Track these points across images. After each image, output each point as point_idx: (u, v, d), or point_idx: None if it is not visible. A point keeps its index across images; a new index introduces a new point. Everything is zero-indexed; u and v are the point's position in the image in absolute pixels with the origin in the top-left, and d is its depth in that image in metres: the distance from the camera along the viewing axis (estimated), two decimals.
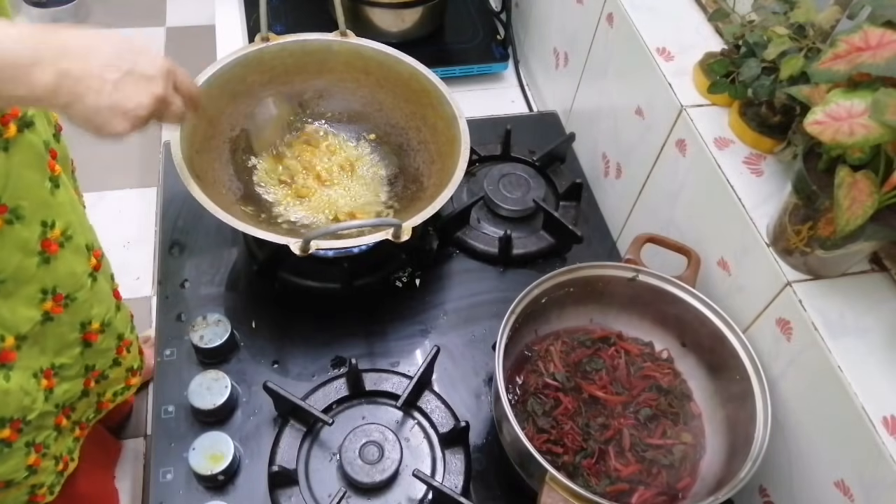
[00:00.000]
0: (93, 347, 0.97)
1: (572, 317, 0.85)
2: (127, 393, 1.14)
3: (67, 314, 0.89)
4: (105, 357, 1.02)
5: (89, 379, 1.01)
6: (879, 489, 0.60)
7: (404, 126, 1.01)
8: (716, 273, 0.81)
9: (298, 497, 0.75)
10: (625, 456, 0.75)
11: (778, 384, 0.72)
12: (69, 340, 0.92)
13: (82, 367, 0.98)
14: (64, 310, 0.88)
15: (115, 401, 1.12)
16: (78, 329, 0.92)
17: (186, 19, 2.47)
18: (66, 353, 0.93)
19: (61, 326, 0.89)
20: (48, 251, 0.81)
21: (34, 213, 0.78)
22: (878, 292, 0.70)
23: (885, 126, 0.55)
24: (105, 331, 0.98)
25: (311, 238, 0.74)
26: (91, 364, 0.99)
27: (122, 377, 1.10)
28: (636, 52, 0.90)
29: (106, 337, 0.99)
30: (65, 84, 0.57)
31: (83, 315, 0.92)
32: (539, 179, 1.03)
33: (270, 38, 0.95)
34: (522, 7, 1.34)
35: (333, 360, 0.87)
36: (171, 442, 0.79)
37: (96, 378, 1.03)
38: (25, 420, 0.87)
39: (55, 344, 0.90)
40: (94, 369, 1.01)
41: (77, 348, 0.94)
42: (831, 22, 0.72)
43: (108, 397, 1.10)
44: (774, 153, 0.78)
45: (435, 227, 0.98)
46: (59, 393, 0.94)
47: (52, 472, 0.98)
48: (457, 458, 0.79)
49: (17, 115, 0.73)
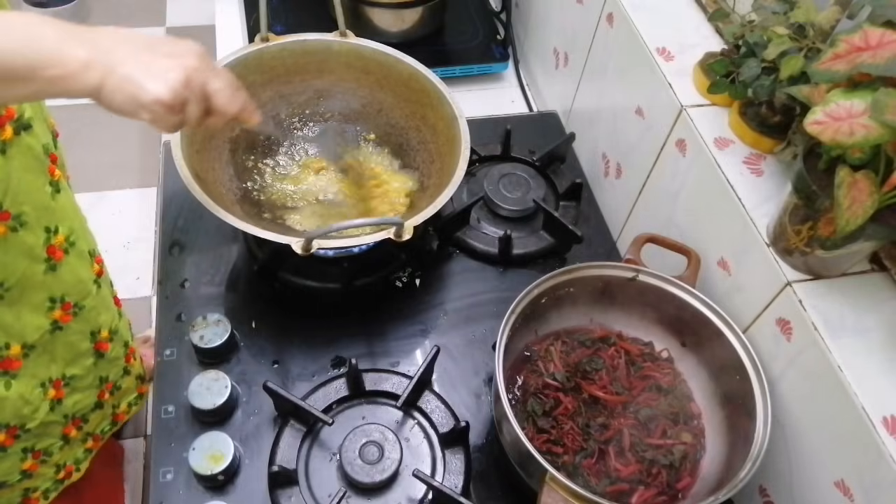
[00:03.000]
0: (105, 357, 0.96)
1: (572, 317, 0.85)
2: (141, 403, 1.13)
3: (77, 323, 0.88)
4: (116, 366, 1.01)
5: (103, 391, 1.00)
6: (879, 489, 0.60)
7: (404, 126, 1.02)
8: (716, 273, 0.81)
9: (298, 497, 0.75)
10: (625, 456, 0.75)
11: (778, 384, 0.72)
12: (81, 350, 0.91)
13: (96, 378, 0.97)
14: (73, 318, 0.87)
15: (130, 412, 1.11)
16: (89, 338, 0.92)
17: (186, 19, 2.47)
18: (78, 364, 0.92)
19: (71, 336, 0.88)
20: (54, 258, 0.80)
21: (37, 219, 0.77)
22: (878, 292, 0.70)
23: (885, 126, 0.55)
24: (113, 339, 0.97)
25: (313, 237, 0.74)
26: (104, 375, 0.98)
27: (134, 386, 1.09)
28: (636, 52, 0.90)
29: (115, 345, 0.98)
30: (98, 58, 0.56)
31: (92, 323, 0.91)
32: (539, 179, 1.03)
33: (270, 39, 0.95)
34: (522, 7, 1.34)
35: (333, 360, 0.87)
36: (171, 442, 0.79)
37: (110, 390, 1.02)
38: (24, 428, 0.86)
39: (66, 354, 0.89)
40: (107, 381, 0.99)
41: (90, 359, 0.93)
42: (831, 22, 0.72)
43: (122, 408, 1.09)
44: (774, 153, 0.78)
45: (435, 227, 0.98)
46: (68, 404, 0.93)
47: (49, 478, 0.97)
48: (457, 458, 0.79)
49: (13, 117, 0.71)
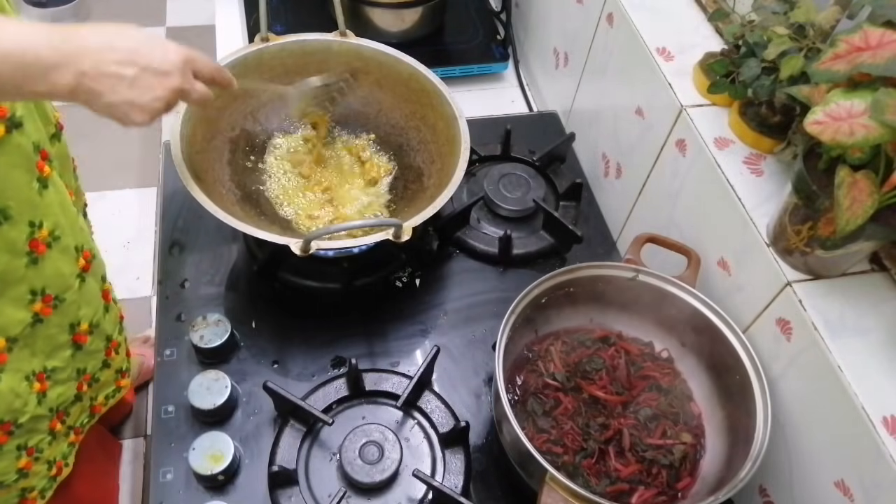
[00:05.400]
0: (82, 350, 0.96)
1: (572, 317, 0.85)
2: (118, 395, 1.13)
3: (56, 315, 0.88)
4: (94, 359, 1.01)
5: (81, 382, 1.00)
6: (879, 489, 0.60)
7: (404, 126, 1.01)
8: (716, 273, 0.81)
9: (298, 497, 0.75)
10: (625, 456, 0.75)
11: (778, 384, 0.72)
12: (60, 342, 0.92)
13: (74, 370, 0.97)
14: (53, 311, 0.87)
15: (107, 404, 1.11)
16: (67, 331, 0.92)
17: (186, 19, 2.47)
18: (57, 356, 0.92)
19: (51, 328, 0.88)
20: (36, 251, 0.81)
21: (21, 214, 0.78)
22: (878, 292, 0.70)
23: (885, 126, 0.55)
24: (93, 332, 0.97)
25: (312, 238, 0.74)
26: (82, 367, 0.99)
27: (112, 379, 1.09)
28: (636, 52, 0.90)
29: (94, 338, 0.98)
30: (83, 84, 0.60)
31: (71, 316, 0.91)
32: (539, 179, 1.03)
33: (270, 39, 0.95)
34: (522, 7, 1.34)
35: (333, 360, 0.87)
36: (171, 442, 0.79)
37: (88, 382, 1.02)
38: (16, 423, 0.86)
39: (46, 346, 0.89)
40: (85, 372, 1.00)
41: (68, 351, 0.94)
42: (831, 22, 0.72)
43: (100, 401, 1.09)
44: (774, 153, 0.78)
45: (435, 227, 0.98)
46: (52, 396, 0.93)
47: (44, 476, 0.97)
48: (457, 458, 0.79)
49: (5, 116, 0.73)
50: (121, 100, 0.63)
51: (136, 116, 0.65)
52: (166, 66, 0.65)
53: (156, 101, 0.65)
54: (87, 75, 0.60)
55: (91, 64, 0.60)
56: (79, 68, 0.59)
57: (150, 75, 0.64)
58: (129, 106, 0.63)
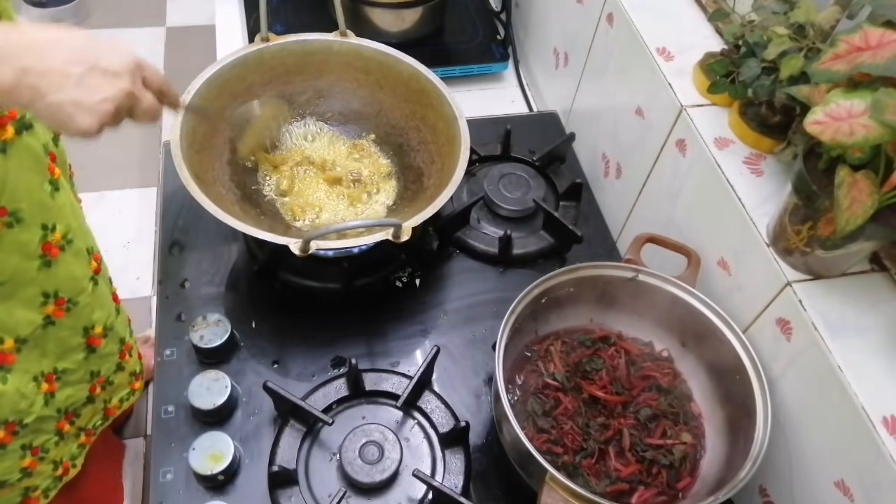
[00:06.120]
0: (97, 352, 0.96)
1: (572, 317, 0.85)
2: (133, 398, 1.13)
3: (69, 318, 0.88)
4: (109, 362, 1.02)
5: (94, 385, 1.00)
6: (879, 489, 0.60)
7: (404, 126, 1.01)
8: (716, 273, 0.81)
9: (298, 497, 0.75)
10: (625, 456, 0.75)
11: (778, 384, 0.72)
12: (72, 345, 0.92)
13: (87, 373, 0.97)
14: (66, 314, 0.87)
15: (122, 406, 1.11)
16: (81, 333, 0.92)
17: (186, 19, 2.47)
18: (69, 358, 0.92)
19: (63, 331, 0.89)
20: (49, 255, 0.81)
21: (34, 217, 0.78)
22: (878, 292, 0.70)
23: (885, 126, 0.55)
24: (108, 335, 0.98)
25: (311, 238, 0.74)
26: (96, 370, 0.99)
27: (127, 381, 1.10)
28: (636, 52, 0.90)
29: (109, 341, 0.99)
30: (25, 81, 0.56)
31: (85, 319, 0.91)
32: (539, 179, 1.03)
33: (270, 39, 0.95)
34: (522, 7, 1.34)
35: (333, 360, 0.87)
36: (171, 442, 0.79)
37: (102, 384, 1.02)
38: (21, 423, 0.87)
39: (57, 348, 0.89)
40: (98, 375, 1.00)
41: (81, 353, 0.94)
42: (831, 22, 0.72)
43: (114, 403, 1.09)
44: (774, 153, 0.78)
45: (435, 227, 0.98)
46: (61, 398, 0.94)
47: (48, 475, 0.97)
48: (457, 458, 0.79)
49: (15, 118, 0.72)
50: (66, 99, 0.57)
51: (81, 119, 0.59)
52: (116, 66, 0.61)
53: (104, 102, 0.60)
54: (29, 71, 0.55)
55: (35, 59, 0.56)
56: (20, 63, 0.55)
57: (98, 74, 0.59)
58: (74, 106, 0.58)
